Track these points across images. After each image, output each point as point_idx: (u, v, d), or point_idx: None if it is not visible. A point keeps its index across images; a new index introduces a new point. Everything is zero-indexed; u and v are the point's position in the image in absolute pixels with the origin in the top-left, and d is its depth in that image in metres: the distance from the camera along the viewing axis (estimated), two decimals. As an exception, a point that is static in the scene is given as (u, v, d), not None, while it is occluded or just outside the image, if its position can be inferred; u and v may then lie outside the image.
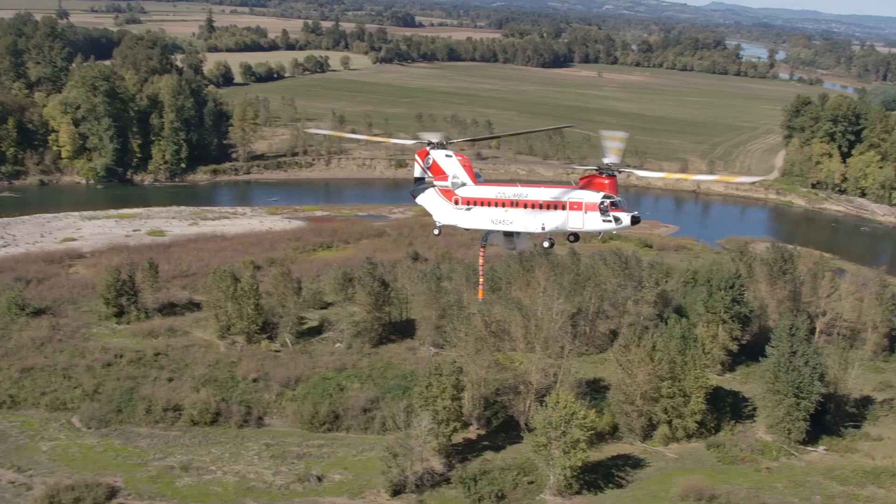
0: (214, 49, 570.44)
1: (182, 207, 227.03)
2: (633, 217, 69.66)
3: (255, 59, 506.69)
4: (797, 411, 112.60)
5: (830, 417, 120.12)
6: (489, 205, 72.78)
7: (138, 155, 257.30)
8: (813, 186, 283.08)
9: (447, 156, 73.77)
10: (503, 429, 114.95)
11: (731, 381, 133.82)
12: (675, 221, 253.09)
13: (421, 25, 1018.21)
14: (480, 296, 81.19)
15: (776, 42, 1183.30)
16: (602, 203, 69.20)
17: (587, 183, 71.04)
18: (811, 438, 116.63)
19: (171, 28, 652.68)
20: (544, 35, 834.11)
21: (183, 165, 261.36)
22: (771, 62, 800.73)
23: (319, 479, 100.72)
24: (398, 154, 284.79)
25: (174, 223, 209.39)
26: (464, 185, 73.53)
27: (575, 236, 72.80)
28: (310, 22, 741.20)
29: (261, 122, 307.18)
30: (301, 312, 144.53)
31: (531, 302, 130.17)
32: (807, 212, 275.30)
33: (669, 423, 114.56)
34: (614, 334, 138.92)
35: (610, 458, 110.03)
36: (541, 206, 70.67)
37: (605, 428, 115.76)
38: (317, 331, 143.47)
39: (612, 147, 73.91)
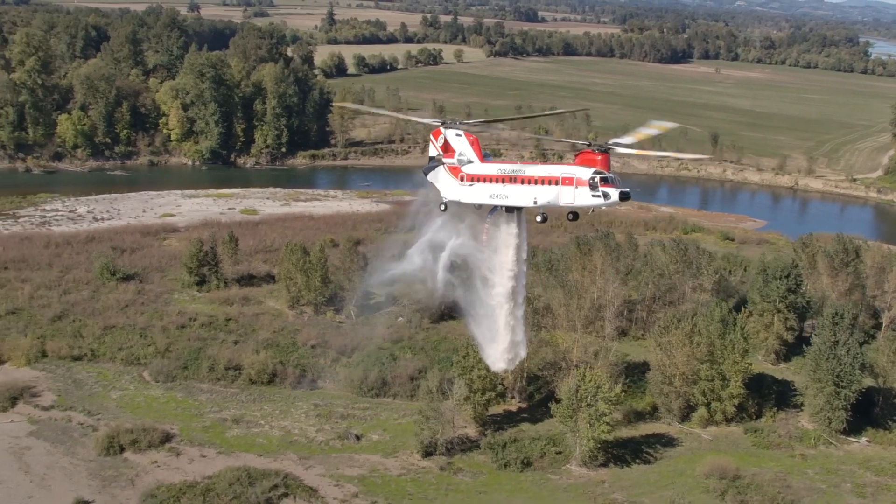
0: (334, 41, 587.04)
1: (277, 189, 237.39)
2: (622, 193, 72.91)
3: (371, 51, 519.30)
4: (837, 400, 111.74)
5: (878, 410, 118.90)
6: (489, 181, 77.52)
7: (241, 139, 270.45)
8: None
9: (457, 135, 78.81)
10: (545, 403, 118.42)
11: (783, 371, 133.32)
12: (768, 217, 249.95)
13: (543, 20, 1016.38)
14: None
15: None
16: (592, 179, 72.66)
17: (581, 160, 74.96)
18: (857, 430, 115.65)
19: (296, 21, 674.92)
20: (665, 31, 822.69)
21: (283, 150, 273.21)
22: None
23: (358, 437, 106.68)
24: (492, 143, 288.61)
25: (267, 203, 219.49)
26: (470, 162, 78.36)
27: (574, 215, 76.40)
28: (428, 16, 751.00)
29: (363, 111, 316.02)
30: (370, 288, 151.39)
31: (591, 283, 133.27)
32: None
33: (708, 405, 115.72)
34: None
35: (644, 435, 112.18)
36: (534, 182, 74.90)
37: (645, 408, 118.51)
38: (384, 305, 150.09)
39: (641, 132, 77.29)
